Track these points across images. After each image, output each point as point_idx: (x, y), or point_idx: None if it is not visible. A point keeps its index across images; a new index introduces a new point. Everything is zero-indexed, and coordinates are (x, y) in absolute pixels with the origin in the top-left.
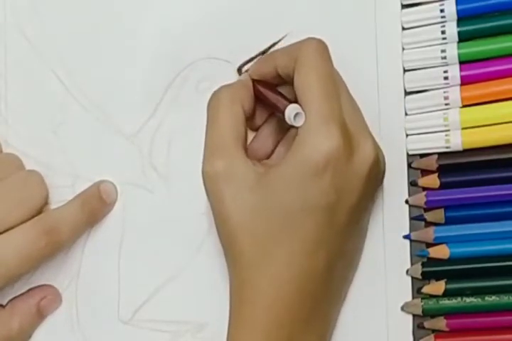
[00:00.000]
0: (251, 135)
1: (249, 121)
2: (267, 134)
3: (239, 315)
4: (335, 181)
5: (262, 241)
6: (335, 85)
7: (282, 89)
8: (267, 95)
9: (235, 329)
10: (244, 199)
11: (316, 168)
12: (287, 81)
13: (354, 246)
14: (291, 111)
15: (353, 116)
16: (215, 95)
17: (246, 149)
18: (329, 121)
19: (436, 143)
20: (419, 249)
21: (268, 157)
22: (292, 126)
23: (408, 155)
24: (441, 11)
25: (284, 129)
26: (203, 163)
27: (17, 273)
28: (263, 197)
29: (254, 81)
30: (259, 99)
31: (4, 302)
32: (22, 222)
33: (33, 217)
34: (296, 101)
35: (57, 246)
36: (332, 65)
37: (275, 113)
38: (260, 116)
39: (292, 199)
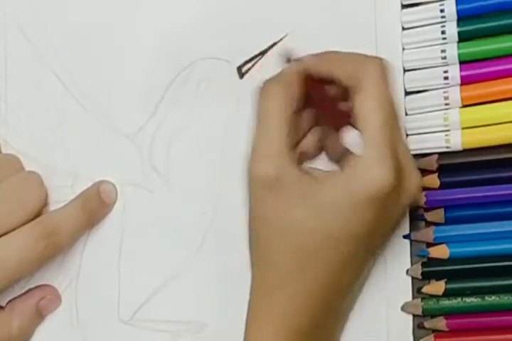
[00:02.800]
0: None
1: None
2: (315, 139)
3: (263, 316)
4: (380, 214)
5: (298, 255)
6: (394, 116)
7: (330, 88)
8: (323, 105)
9: (256, 329)
10: (288, 208)
11: (365, 202)
12: (340, 87)
13: (374, 260)
14: (351, 138)
15: (403, 148)
16: (267, 91)
17: (295, 151)
18: (386, 156)
19: (436, 143)
20: (419, 249)
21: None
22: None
23: None
24: (441, 11)
25: (329, 132)
26: (252, 164)
27: (17, 276)
28: (307, 211)
29: (308, 77)
30: (311, 98)
31: (3, 303)
32: (21, 224)
33: (32, 218)
34: (348, 114)
35: (57, 249)
36: (392, 92)
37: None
38: (306, 117)
39: (335, 223)
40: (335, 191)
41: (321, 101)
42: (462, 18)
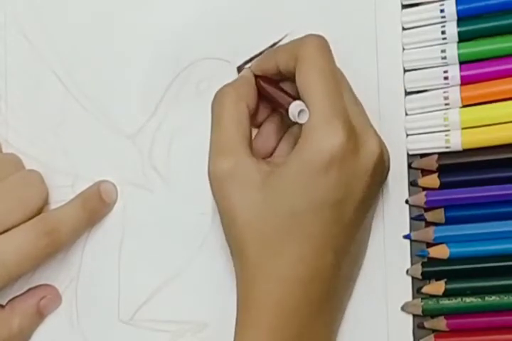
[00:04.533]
0: (253, 132)
1: (252, 118)
2: (269, 131)
3: (246, 315)
4: (340, 178)
5: (269, 241)
6: (337, 82)
7: (285, 85)
8: (270, 91)
9: (242, 329)
10: (251, 198)
11: (321, 165)
12: (289, 77)
13: (359, 244)
14: (295, 108)
15: (356, 113)
16: (220, 93)
17: (251, 147)
18: (333, 118)
19: (436, 143)
20: (419, 249)
21: (271, 154)
22: (296, 123)
23: (408, 155)
24: (441, 11)
25: (286, 125)
26: (209, 161)
27: (17, 274)
28: (269, 196)
29: (257, 77)
30: (261, 95)
31: (4, 302)
32: (22, 222)
33: (33, 216)
34: (299, 98)
35: (57, 247)
36: (333, 62)
37: (278, 109)
38: (262, 112)
39: (298, 198)
40: (288, 166)
41: (271, 93)
42: (462, 18)
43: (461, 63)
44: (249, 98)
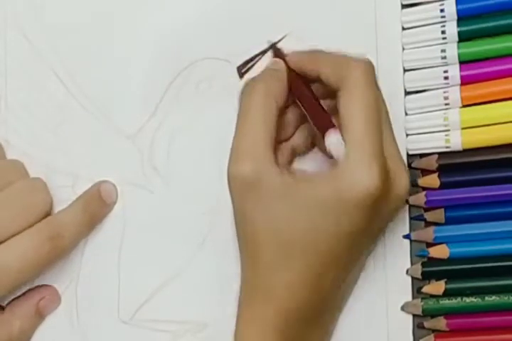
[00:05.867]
0: None
1: None
2: (288, 121)
3: (249, 313)
4: (365, 219)
5: (283, 249)
6: (379, 119)
7: (314, 86)
8: (307, 103)
9: (244, 326)
10: (271, 207)
11: (349, 206)
12: (325, 86)
13: (362, 262)
14: (333, 144)
15: (393, 153)
16: (249, 87)
17: (276, 152)
18: (371, 158)
19: (436, 143)
20: (419, 248)
21: (283, 141)
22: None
23: (408, 155)
24: (441, 10)
25: (305, 117)
26: (230, 162)
27: (20, 281)
28: (289, 209)
29: (292, 75)
30: (292, 93)
31: (4, 304)
32: (26, 230)
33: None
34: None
35: (59, 252)
36: (378, 91)
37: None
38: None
39: (317, 223)
40: (322, 189)
41: (303, 98)
42: (462, 18)
43: (461, 63)
44: (278, 96)
